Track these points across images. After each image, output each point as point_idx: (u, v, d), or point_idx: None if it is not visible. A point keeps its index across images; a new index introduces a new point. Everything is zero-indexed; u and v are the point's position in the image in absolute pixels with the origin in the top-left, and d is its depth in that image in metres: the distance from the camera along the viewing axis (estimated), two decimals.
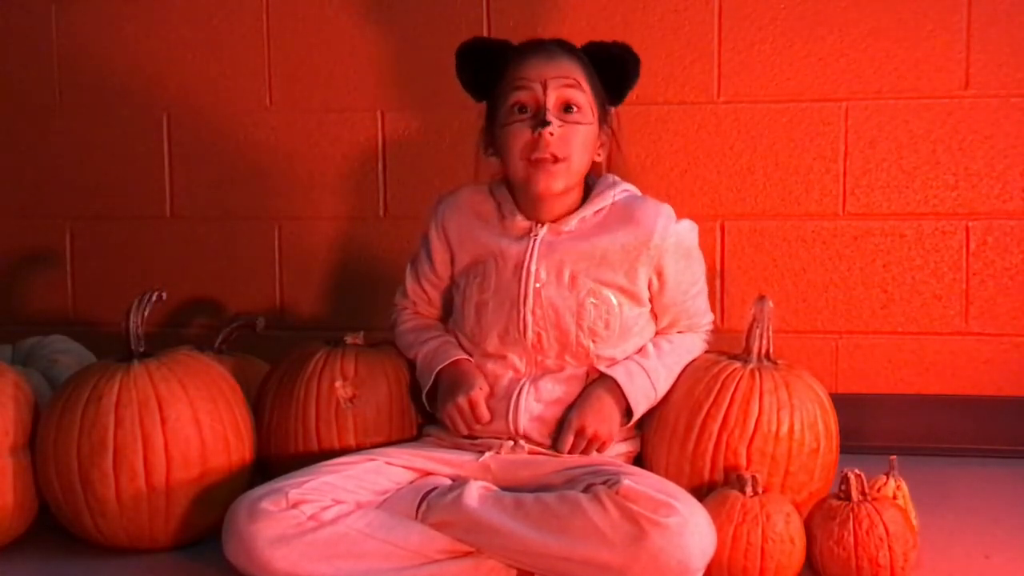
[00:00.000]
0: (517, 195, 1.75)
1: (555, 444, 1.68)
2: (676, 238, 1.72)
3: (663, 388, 1.73)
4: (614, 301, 1.71)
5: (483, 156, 1.77)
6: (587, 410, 1.68)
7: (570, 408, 1.70)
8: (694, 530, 1.44)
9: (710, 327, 1.84)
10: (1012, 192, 2.17)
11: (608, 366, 1.71)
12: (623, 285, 1.71)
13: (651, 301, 1.76)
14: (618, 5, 2.23)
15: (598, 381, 1.71)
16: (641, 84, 2.21)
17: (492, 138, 1.74)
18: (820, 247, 2.23)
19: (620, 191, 1.75)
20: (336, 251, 2.39)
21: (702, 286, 1.81)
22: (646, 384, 1.71)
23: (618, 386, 1.69)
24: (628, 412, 1.72)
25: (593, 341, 1.70)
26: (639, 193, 1.78)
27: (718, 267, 2.24)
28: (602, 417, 1.68)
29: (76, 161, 2.47)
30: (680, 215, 1.77)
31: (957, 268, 2.19)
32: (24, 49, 2.46)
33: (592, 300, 1.70)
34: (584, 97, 1.68)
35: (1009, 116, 2.15)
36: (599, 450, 1.67)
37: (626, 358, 1.73)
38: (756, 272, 2.25)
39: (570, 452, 1.66)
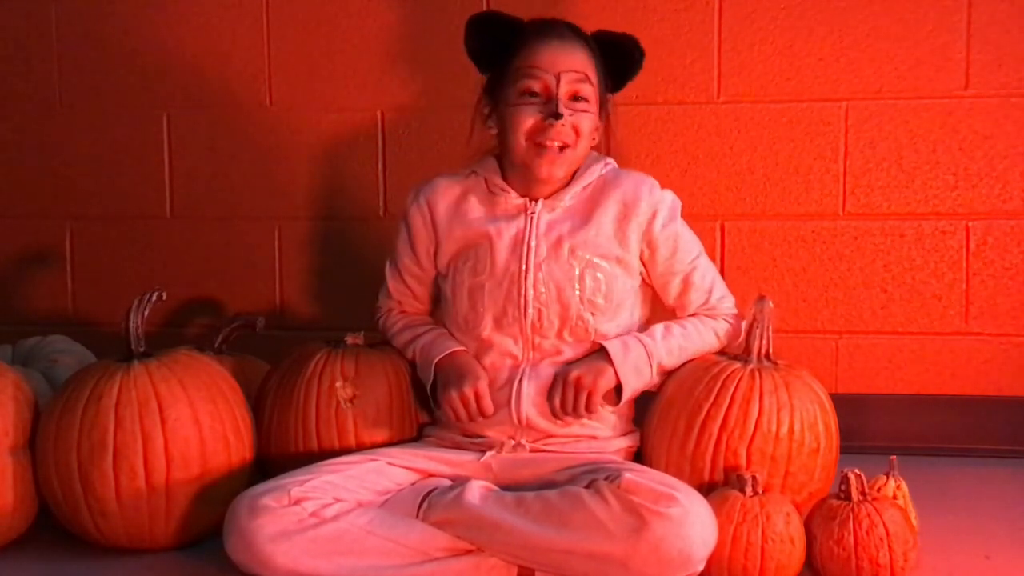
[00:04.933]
0: (508, 172, 1.76)
1: (548, 399, 1.68)
2: (661, 203, 1.74)
3: (665, 365, 1.73)
4: (610, 271, 1.72)
5: (483, 127, 1.77)
6: (573, 365, 1.70)
7: None
8: (695, 520, 1.45)
9: (732, 312, 1.81)
10: (1012, 192, 2.17)
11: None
12: (618, 254, 1.72)
13: (648, 273, 1.76)
14: (618, 5, 2.23)
15: (595, 352, 1.72)
16: (641, 84, 2.21)
17: (492, 110, 1.75)
18: (820, 247, 2.23)
19: (603, 165, 1.77)
20: (336, 251, 2.39)
21: (707, 264, 1.80)
22: (641, 358, 1.70)
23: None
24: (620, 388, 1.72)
25: (592, 314, 1.70)
26: (618, 168, 1.80)
27: (718, 267, 2.23)
28: (588, 365, 1.69)
29: (76, 161, 2.47)
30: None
31: (957, 268, 2.19)
32: (24, 49, 2.46)
33: (591, 271, 1.71)
34: (591, 90, 1.71)
35: (1009, 116, 2.15)
36: (588, 407, 1.66)
37: (627, 333, 1.73)
38: (756, 272, 2.25)
39: (562, 406, 1.67)
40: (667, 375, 1.76)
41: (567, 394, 1.67)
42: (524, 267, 1.71)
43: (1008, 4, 2.13)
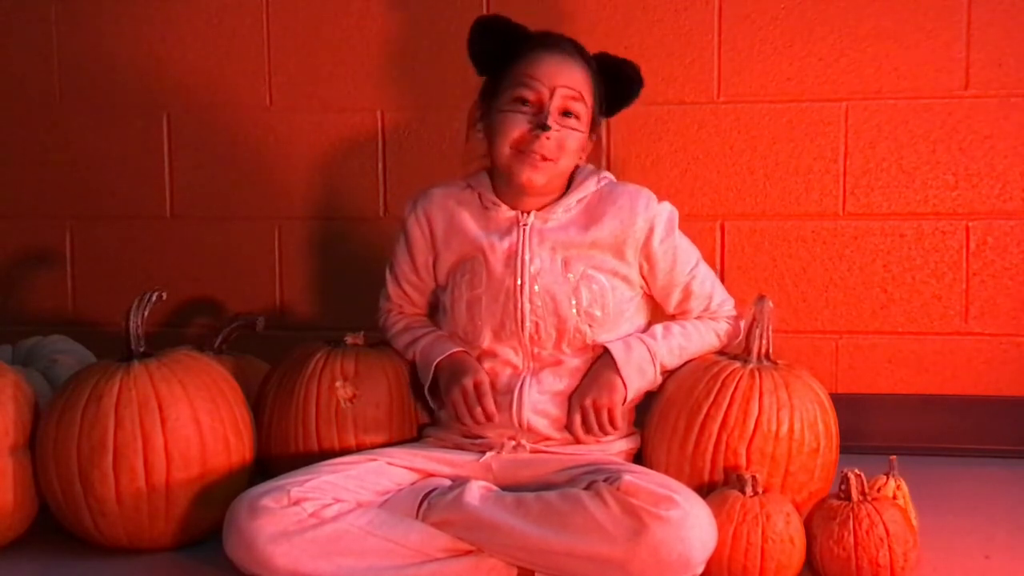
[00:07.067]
0: (498, 184, 1.76)
1: (569, 429, 1.69)
2: (658, 217, 1.74)
3: (667, 365, 1.74)
4: (607, 284, 1.72)
5: (472, 131, 1.77)
6: (585, 387, 1.70)
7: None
8: (695, 523, 1.45)
9: (732, 313, 1.82)
10: (1012, 192, 2.17)
11: None
12: (614, 267, 1.72)
13: (648, 286, 1.77)
14: (619, 5, 2.23)
15: (597, 360, 1.72)
16: None
17: (485, 114, 1.75)
18: (820, 247, 2.23)
19: (600, 178, 1.77)
20: (336, 251, 2.39)
21: (706, 271, 1.80)
22: (644, 358, 1.71)
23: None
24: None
25: (590, 326, 1.70)
26: (615, 180, 1.80)
27: (718, 267, 2.24)
28: (599, 385, 1.69)
29: (76, 161, 2.47)
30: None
31: (957, 268, 2.19)
32: (24, 49, 2.46)
33: (586, 283, 1.71)
34: (584, 108, 1.71)
35: (1009, 116, 2.15)
36: (611, 421, 1.68)
37: (628, 335, 1.74)
38: (756, 272, 2.25)
39: (585, 430, 1.68)
40: (667, 375, 1.76)
41: (588, 420, 1.68)
42: (519, 281, 1.71)
43: (1008, 4, 2.13)
